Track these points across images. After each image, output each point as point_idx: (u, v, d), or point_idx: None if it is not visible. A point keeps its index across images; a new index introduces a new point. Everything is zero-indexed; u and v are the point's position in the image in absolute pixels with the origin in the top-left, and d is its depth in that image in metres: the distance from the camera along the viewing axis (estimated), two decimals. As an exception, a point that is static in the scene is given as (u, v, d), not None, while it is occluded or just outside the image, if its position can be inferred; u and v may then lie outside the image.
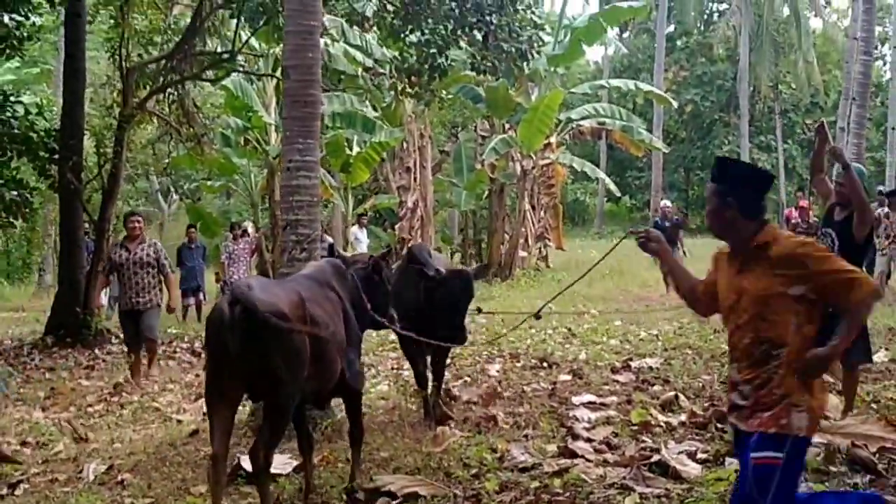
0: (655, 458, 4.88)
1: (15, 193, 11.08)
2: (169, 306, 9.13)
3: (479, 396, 6.95)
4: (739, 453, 3.23)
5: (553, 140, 20.14)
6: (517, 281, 18.64)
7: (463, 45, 13.51)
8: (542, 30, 14.44)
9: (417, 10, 12.12)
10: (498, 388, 7.31)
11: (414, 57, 12.79)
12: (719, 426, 5.56)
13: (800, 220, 12.91)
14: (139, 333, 8.66)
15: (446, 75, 13.71)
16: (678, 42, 40.59)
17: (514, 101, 19.47)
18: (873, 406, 6.03)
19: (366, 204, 20.85)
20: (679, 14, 38.86)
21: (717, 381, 7.20)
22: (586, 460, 4.98)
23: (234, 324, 3.90)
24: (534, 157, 19.89)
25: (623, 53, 37.00)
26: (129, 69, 12.08)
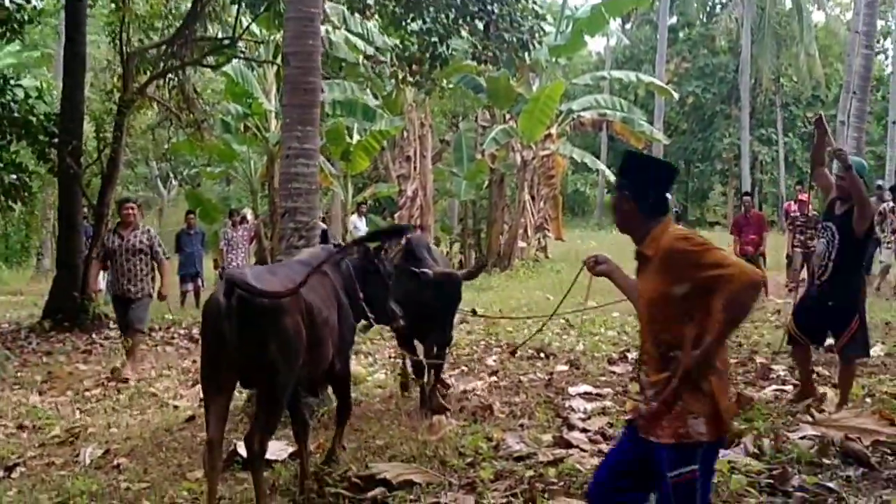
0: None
1: (14, 177, 11.08)
2: (160, 293, 8.89)
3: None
4: (634, 446, 3.03)
5: (554, 131, 20.10)
6: (516, 271, 18.68)
7: (464, 35, 13.48)
8: (543, 20, 14.44)
9: (419, -2, 12.11)
10: (495, 379, 7.33)
11: (415, 45, 12.77)
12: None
13: (799, 214, 12.90)
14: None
15: (447, 64, 13.69)
16: (680, 34, 40.52)
17: (515, 92, 19.43)
18: (868, 400, 6.04)
19: (365, 192, 20.86)
20: (682, 5, 38.83)
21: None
22: (581, 450, 4.98)
23: (231, 313, 3.90)
24: (534, 147, 19.89)
25: (625, 44, 36.97)
26: (129, 54, 12.05)
